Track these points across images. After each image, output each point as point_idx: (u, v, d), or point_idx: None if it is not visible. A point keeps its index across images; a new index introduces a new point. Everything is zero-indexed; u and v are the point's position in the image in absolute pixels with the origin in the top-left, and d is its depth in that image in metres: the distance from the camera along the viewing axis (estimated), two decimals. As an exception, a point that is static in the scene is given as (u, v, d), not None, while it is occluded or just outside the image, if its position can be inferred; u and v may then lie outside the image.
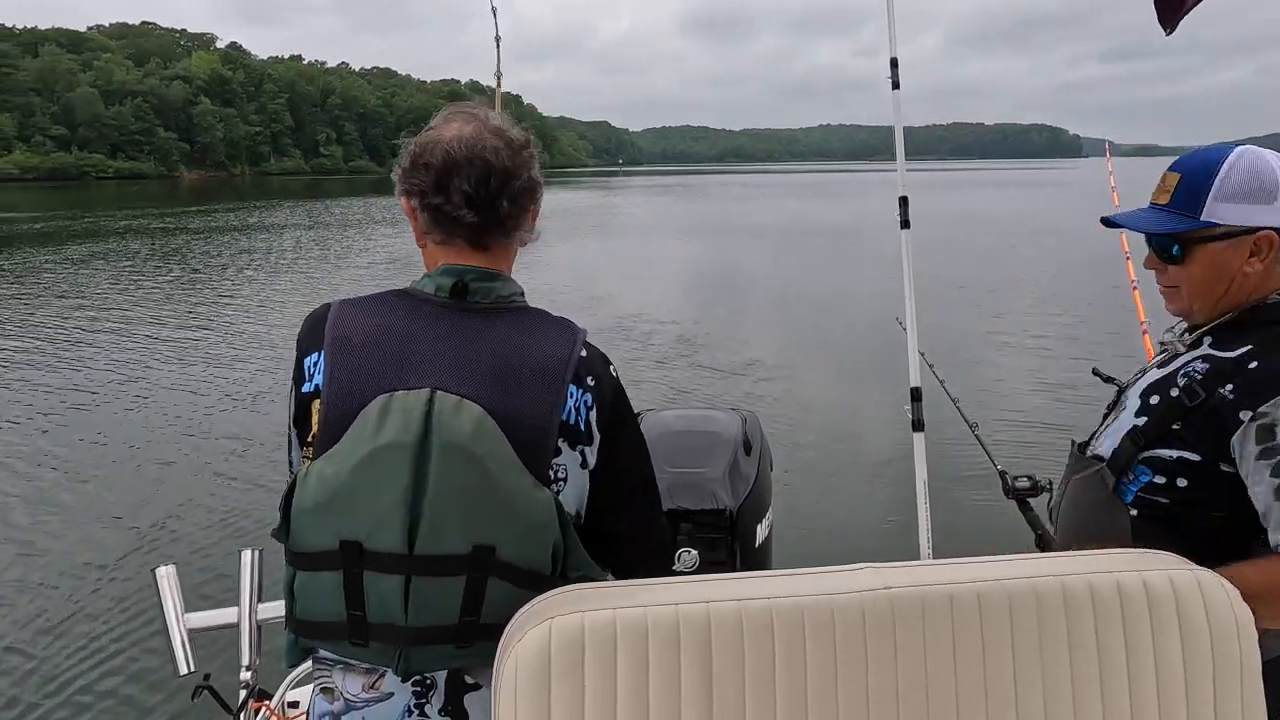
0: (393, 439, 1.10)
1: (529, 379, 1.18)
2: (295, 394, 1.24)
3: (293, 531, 1.18)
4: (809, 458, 6.18)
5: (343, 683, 1.23)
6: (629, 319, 11.92)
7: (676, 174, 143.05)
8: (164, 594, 1.47)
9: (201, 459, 6.36)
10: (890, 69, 2.66)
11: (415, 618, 1.14)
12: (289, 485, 1.17)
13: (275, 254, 21.26)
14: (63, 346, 10.46)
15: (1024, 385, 8.27)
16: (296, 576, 1.19)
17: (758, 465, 2.15)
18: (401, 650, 1.16)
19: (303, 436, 1.22)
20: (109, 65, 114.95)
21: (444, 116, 1.29)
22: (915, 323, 2.56)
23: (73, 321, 11.91)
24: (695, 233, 27.87)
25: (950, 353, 8.70)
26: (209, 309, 13.20)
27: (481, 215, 1.22)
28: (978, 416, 2.39)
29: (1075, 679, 1.08)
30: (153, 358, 9.88)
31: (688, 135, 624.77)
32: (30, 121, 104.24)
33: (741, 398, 7.68)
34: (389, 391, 1.13)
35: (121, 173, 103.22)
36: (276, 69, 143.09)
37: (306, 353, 1.23)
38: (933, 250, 18.69)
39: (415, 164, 1.24)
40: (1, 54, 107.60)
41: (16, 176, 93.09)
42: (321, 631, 1.20)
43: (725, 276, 16.91)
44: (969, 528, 4.65)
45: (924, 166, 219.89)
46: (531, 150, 1.29)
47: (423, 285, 1.24)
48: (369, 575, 1.14)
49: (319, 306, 1.26)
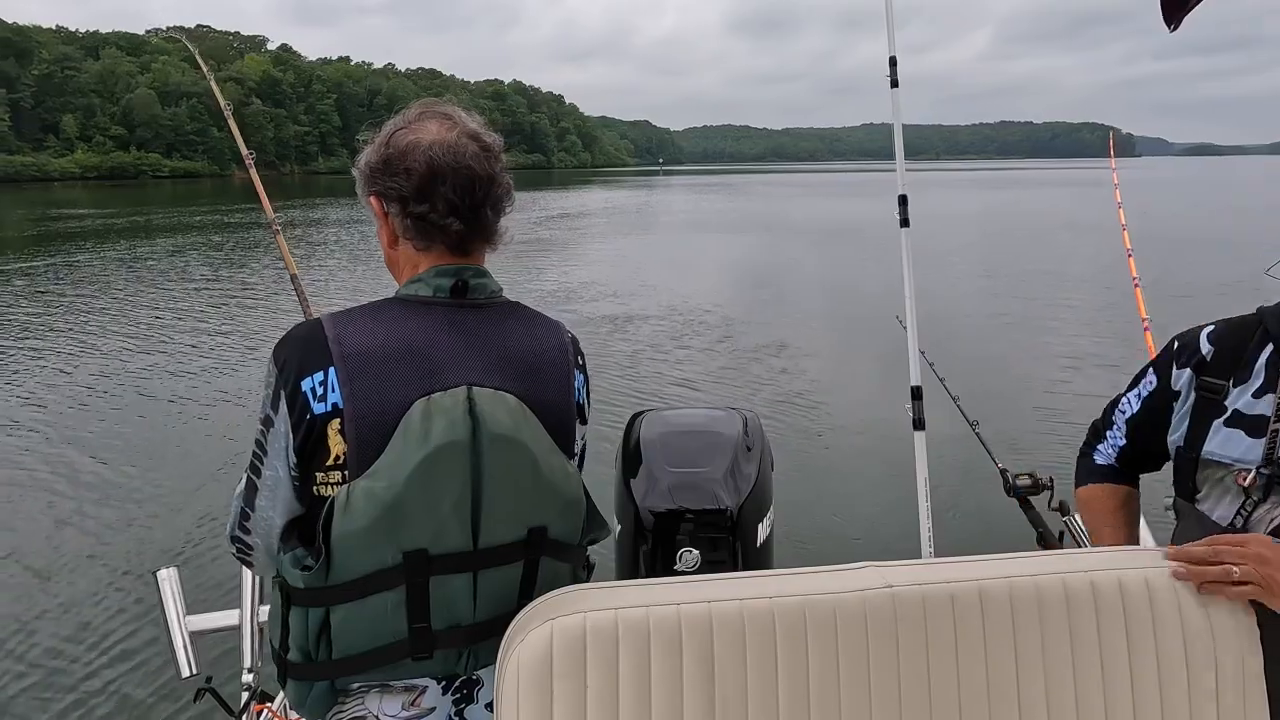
0: (445, 440, 1.10)
1: (546, 367, 1.22)
2: (295, 422, 1.14)
3: (336, 561, 1.10)
4: (810, 457, 6.12)
5: (379, 707, 1.19)
6: (645, 313, 11.96)
7: (717, 173, 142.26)
8: (165, 596, 1.47)
9: (206, 458, 6.31)
10: (889, 68, 2.66)
11: (482, 611, 1.17)
12: (324, 515, 1.10)
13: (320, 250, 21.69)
14: (72, 342, 10.46)
15: (1024, 384, 8.13)
16: (334, 613, 1.12)
17: (758, 465, 2.15)
18: (468, 650, 1.18)
19: (315, 464, 1.15)
20: (165, 67, 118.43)
21: (416, 114, 1.25)
22: (915, 322, 2.55)
23: (79, 320, 11.83)
24: (728, 230, 27.74)
25: (958, 350, 8.61)
26: (236, 308, 13.21)
27: (466, 224, 1.21)
28: (978, 415, 2.37)
29: (1077, 676, 1.09)
30: (162, 354, 9.86)
31: (729, 135, 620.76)
32: (91, 122, 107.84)
33: (743, 397, 7.64)
34: (422, 396, 1.12)
35: (176, 172, 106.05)
36: (325, 70, 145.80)
37: (303, 374, 1.14)
38: (942, 249, 18.54)
39: (391, 165, 1.20)
40: (65, 57, 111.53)
41: (78, 175, 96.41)
42: (371, 661, 1.14)
43: (754, 274, 16.78)
44: (970, 526, 4.62)
45: (966, 166, 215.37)
46: (503, 155, 1.28)
47: (417, 290, 1.21)
48: (436, 580, 1.13)
49: (297, 326, 1.20)
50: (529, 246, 21.17)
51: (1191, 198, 45.57)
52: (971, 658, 1.07)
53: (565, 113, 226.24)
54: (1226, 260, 16.78)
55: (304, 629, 1.14)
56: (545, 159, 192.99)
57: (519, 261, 17.69)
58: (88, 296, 14.10)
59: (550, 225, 29.33)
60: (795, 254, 20.47)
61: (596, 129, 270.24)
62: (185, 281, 16.08)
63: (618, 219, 33.87)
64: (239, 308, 13.31)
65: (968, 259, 18.04)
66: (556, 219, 32.83)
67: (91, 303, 13.42)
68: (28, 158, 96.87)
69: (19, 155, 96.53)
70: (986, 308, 12.48)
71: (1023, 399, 7.53)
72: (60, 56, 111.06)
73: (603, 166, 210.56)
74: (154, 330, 11.37)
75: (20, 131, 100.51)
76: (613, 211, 38.74)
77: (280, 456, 1.16)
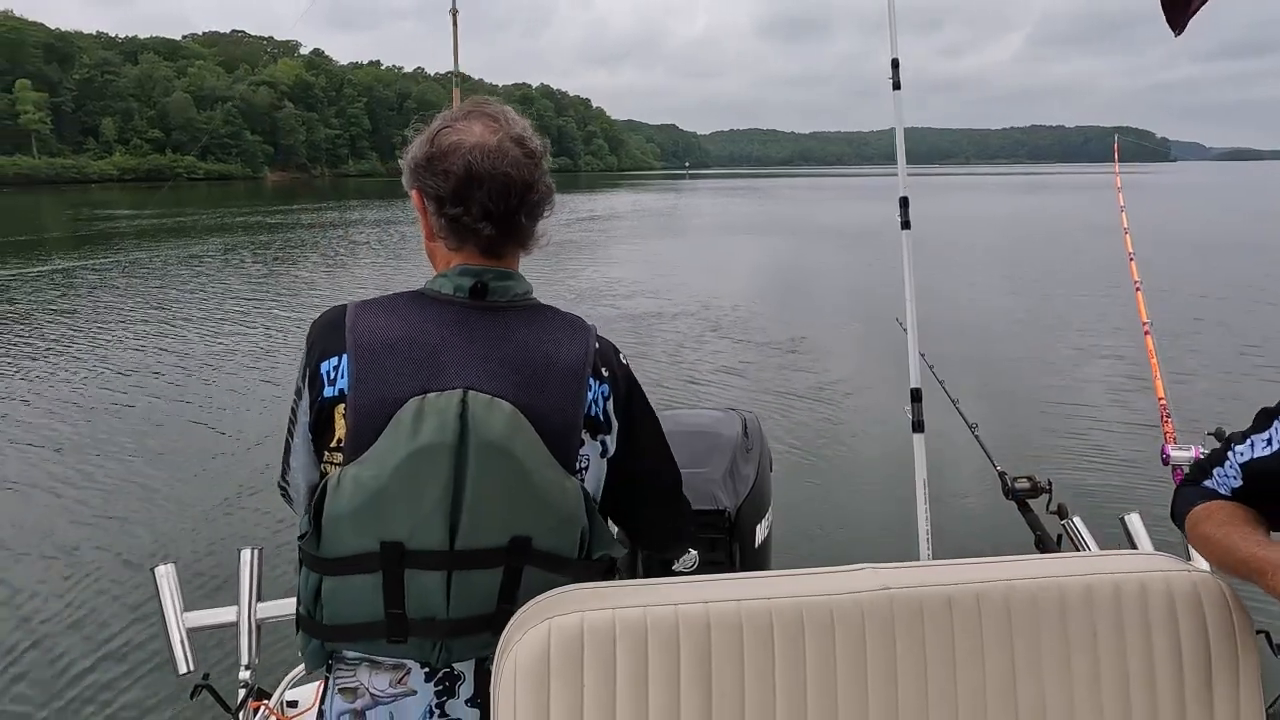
0: (431, 440, 1.11)
1: (554, 375, 1.19)
2: (311, 400, 1.21)
3: (325, 537, 1.16)
4: (809, 458, 6.08)
5: (369, 680, 1.24)
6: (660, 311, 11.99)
7: (744, 177, 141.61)
8: (163, 593, 1.47)
9: (206, 455, 6.31)
10: (891, 70, 2.64)
11: (456, 609, 1.17)
12: (319, 491, 1.16)
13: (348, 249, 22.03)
14: (88, 339, 10.57)
15: (1025, 386, 8.06)
16: (324, 582, 1.19)
17: (757, 466, 2.16)
18: (442, 642, 1.19)
19: (323, 443, 1.22)
20: (201, 72, 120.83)
21: (465, 113, 1.26)
22: (915, 324, 2.53)
23: (104, 323, 11.81)
24: (751, 232, 27.68)
25: (958, 351, 8.57)
26: (253, 305, 13.28)
27: (499, 228, 1.22)
28: (977, 417, 2.37)
29: (1074, 679, 1.09)
30: (172, 350, 9.90)
31: (756, 138, 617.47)
32: (129, 125, 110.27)
33: (743, 396, 7.62)
34: (420, 393, 1.13)
35: (211, 174, 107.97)
36: (356, 74, 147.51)
37: (324, 357, 1.20)
38: (954, 252, 18.41)
39: (433, 164, 1.21)
40: (105, 61, 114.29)
41: (116, 177, 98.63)
42: (354, 633, 1.20)
43: (768, 275, 16.78)
44: (968, 528, 4.57)
45: (994, 170, 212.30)
46: (547, 158, 1.28)
47: (440, 286, 1.23)
48: (410, 573, 1.15)
49: (330, 309, 1.25)
50: (561, 248, 21.37)
51: (1225, 202, 44.56)
52: (969, 660, 1.07)
53: (592, 116, 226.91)
54: (1246, 265, 16.53)
55: (307, 588, 1.21)
56: (572, 162, 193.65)
57: (548, 261, 17.86)
58: (127, 295, 14.28)
59: (580, 227, 29.53)
60: (810, 256, 20.44)
61: (623, 132, 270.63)
62: (240, 277, 16.37)
63: (646, 221, 33.93)
64: (274, 304, 13.45)
65: (979, 262, 17.90)
66: (585, 221, 33.04)
67: (127, 308, 13.51)
68: (68, 160, 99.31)
69: (60, 158, 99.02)
70: (988, 308, 12.36)
71: (1023, 400, 7.48)
72: (100, 61, 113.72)
73: (629, 170, 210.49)
74: (172, 326, 11.44)
75: (61, 134, 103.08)
76: (641, 214, 38.80)
77: (302, 429, 1.24)
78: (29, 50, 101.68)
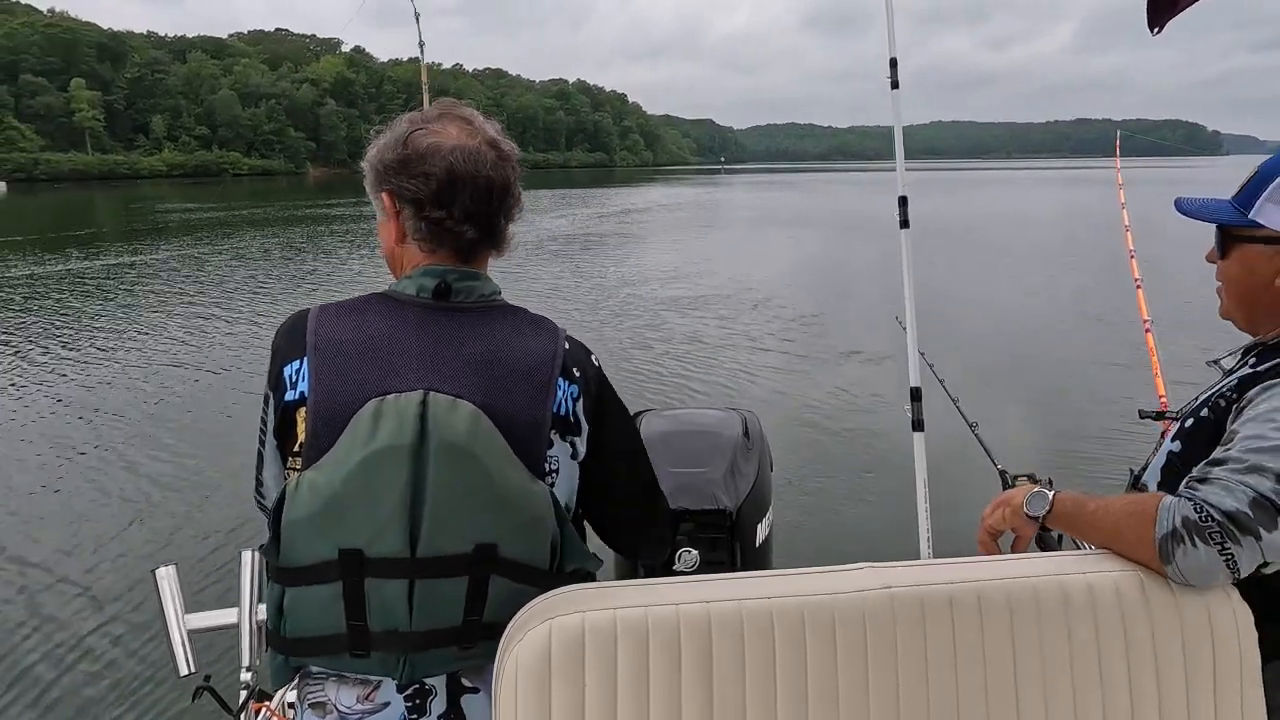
0: (388, 443, 1.08)
1: (520, 375, 1.17)
2: (275, 404, 1.19)
3: (284, 545, 1.13)
4: (809, 458, 6.00)
5: (336, 696, 1.19)
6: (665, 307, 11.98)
7: (780, 172, 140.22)
8: (164, 594, 1.46)
9: (206, 454, 6.23)
10: (890, 69, 2.62)
11: (420, 621, 1.13)
12: (278, 498, 1.14)
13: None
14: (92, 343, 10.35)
15: (1025, 385, 7.90)
16: (286, 593, 1.16)
17: (758, 465, 2.17)
18: (405, 656, 1.14)
19: (287, 448, 1.19)
20: (246, 70, 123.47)
21: (436, 115, 1.24)
22: (915, 323, 2.52)
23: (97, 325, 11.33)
24: (781, 225, 27.46)
25: (959, 351, 8.44)
26: (265, 303, 12.93)
27: (480, 231, 1.22)
28: (977, 415, 2.35)
29: (1075, 679, 1.08)
30: (175, 348, 9.72)
31: (793, 133, 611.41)
32: (178, 122, 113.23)
33: (743, 396, 7.53)
34: (379, 395, 1.11)
35: (255, 170, 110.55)
36: (395, 71, 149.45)
37: (286, 360, 1.18)
38: (961, 250, 18.08)
39: (409, 166, 1.19)
40: (155, 60, 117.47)
41: (165, 173, 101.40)
42: (316, 647, 1.16)
43: (777, 271, 16.53)
44: (969, 527, 4.46)
45: (1034, 165, 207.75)
46: (518, 160, 1.28)
47: (403, 287, 1.22)
48: (371, 582, 1.11)
49: (295, 313, 1.23)
50: (585, 243, 21.43)
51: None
52: (969, 659, 1.06)
53: (628, 112, 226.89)
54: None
55: (271, 601, 1.19)
56: (608, 157, 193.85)
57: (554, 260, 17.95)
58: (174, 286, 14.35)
59: (613, 220, 29.61)
60: (827, 250, 20.20)
61: (659, 128, 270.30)
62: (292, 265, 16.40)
63: (679, 215, 33.85)
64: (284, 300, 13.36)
65: (983, 259, 17.54)
66: (619, 214, 33.08)
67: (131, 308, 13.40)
68: (120, 156, 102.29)
69: (112, 154, 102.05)
70: (990, 309, 12.04)
71: (1023, 400, 7.34)
72: (150, 60, 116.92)
73: (664, 164, 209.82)
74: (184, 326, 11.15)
75: (114, 132, 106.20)
76: (676, 207, 38.72)
77: (270, 436, 1.22)
78: (83, 50, 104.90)
